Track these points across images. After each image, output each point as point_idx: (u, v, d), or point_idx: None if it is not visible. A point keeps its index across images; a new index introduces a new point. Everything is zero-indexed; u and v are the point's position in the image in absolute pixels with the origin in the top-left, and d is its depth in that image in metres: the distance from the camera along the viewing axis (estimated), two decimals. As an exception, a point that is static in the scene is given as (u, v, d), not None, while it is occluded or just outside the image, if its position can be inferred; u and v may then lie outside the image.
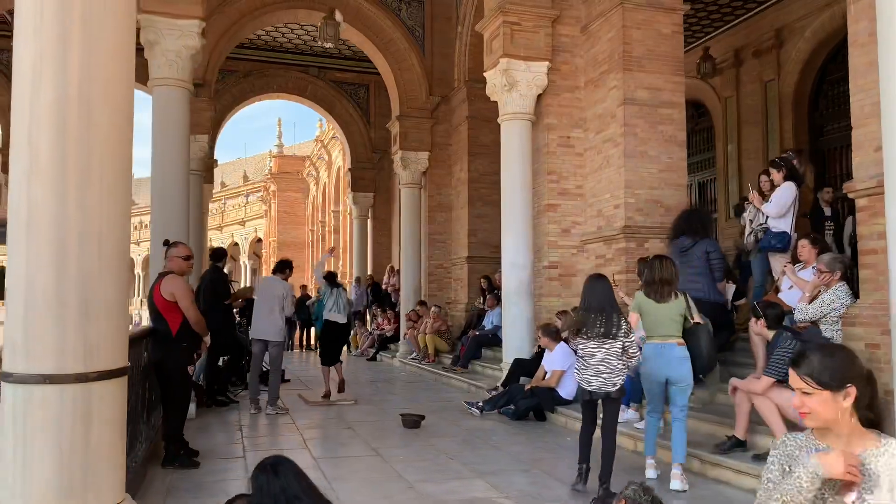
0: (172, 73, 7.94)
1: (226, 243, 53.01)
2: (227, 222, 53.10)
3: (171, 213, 7.90)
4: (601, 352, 4.82)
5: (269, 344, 8.14)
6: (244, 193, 54.02)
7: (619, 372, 4.84)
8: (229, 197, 58.79)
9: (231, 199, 58.21)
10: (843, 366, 1.86)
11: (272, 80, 18.50)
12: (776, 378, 4.91)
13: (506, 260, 9.28)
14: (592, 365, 4.85)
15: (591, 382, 4.89)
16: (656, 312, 5.21)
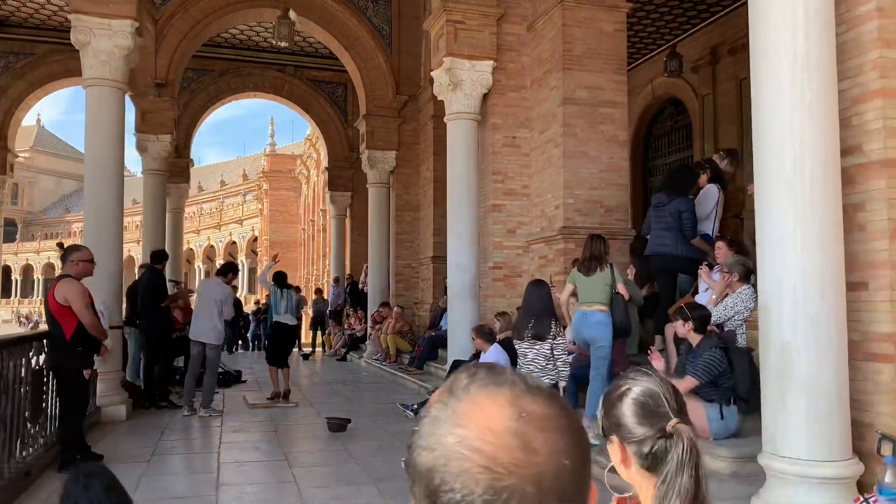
0: (105, 73, 7.90)
1: (224, 242, 53.32)
2: (225, 221, 53.31)
3: (103, 213, 7.86)
4: (532, 352, 5.28)
5: (206, 346, 8.09)
6: (242, 192, 54.22)
7: (548, 372, 5.23)
8: (228, 196, 59.10)
9: (229, 197, 58.51)
10: None
11: (248, 79, 18.48)
12: (701, 381, 4.81)
13: (451, 261, 9.20)
14: (524, 364, 5.33)
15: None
16: (585, 284, 6.01)
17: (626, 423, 1.44)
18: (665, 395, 1.43)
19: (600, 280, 5.94)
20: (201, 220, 56.63)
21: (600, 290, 5.93)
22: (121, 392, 7.91)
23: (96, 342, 5.47)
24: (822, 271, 3.67)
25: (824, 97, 3.76)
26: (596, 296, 5.93)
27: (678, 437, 1.39)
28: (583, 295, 6.02)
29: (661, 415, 1.41)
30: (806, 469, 3.62)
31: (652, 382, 1.45)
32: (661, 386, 1.44)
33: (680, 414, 1.44)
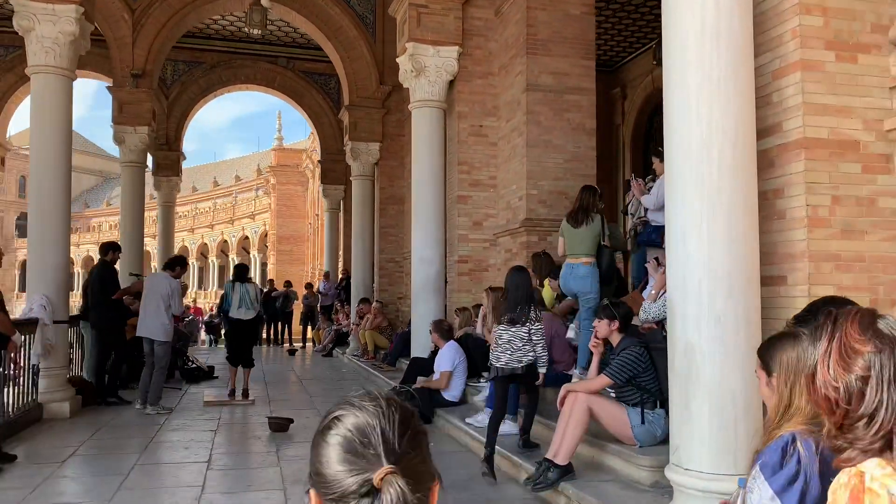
0: (50, 60, 7.67)
1: (237, 237, 53.47)
2: (238, 216, 53.43)
3: (47, 204, 7.65)
4: (508, 334, 5.25)
5: (154, 343, 7.84)
6: (254, 188, 54.34)
7: (526, 352, 5.22)
8: (241, 191, 59.28)
9: (243, 192, 58.64)
10: None
11: (240, 70, 18.27)
12: (615, 380, 4.46)
13: (415, 254, 8.89)
14: (501, 344, 5.27)
15: (500, 359, 5.27)
16: (572, 236, 6.22)
17: (325, 472, 0.93)
18: (384, 428, 0.92)
19: (588, 231, 6.14)
20: (215, 215, 56.84)
21: (588, 241, 6.14)
22: (66, 388, 7.71)
23: (4, 338, 5.23)
24: (730, 265, 3.30)
25: (736, 71, 3.38)
26: (583, 248, 6.15)
27: (386, 492, 0.89)
28: (570, 247, 6.23)
29: (370, 459, 0.91)
30: (710, 484, 3.25)
31: (371, 411, 0.95)
32: (382, 416, 0.94)
33: (404, 457, 0.92)
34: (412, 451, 0.91)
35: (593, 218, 6.18)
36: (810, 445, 1.55)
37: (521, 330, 5.27)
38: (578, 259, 6.16)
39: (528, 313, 5.31)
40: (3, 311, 5.18)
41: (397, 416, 0.93)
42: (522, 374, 5.28)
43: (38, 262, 7.63)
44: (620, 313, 4.61)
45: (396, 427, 0.91)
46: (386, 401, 0.95)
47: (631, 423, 4.32)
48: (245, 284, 8.75)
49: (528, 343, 5.26)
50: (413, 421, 0.95)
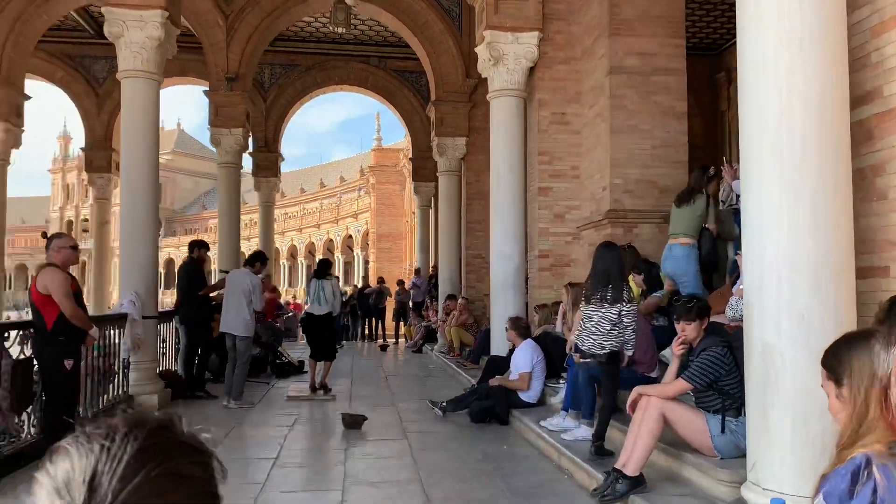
0: (137, 64, 7.95)
1: (341, 236, 54.99)
2: (342, 215, 54.91)
3: (137, 203, 7.93)
4: (597, 315, 4.95)
5: (237, 338, 7.98)
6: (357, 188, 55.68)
7: (611, 338, 4.90)
8: (345, 192, 60.91)
9: (346, 193, 60.25)
10: None
11: (333, 72, 18.57)
12: (695, 385, 4.03)
13: (493, 250, 8.61)
14: (588, 326, 5.02)
15: (584, 342, 5.07)
16: (674, 215, 6.09)
17: None
18: (99, 472, 0.66)
19: (689, 212, 5.94)
20: (321, 215, 58.71)
21: (687, 222, 5.94)
22: (155, 381, 7.97)
23: (81, 332, 5.39)
24: (816, 254, 2.83)
25: (824, 29, 2.89)
26: (681, 227, 5.97)
27: None
28: (671, 226, 6.11)
29: None
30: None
31: (85, 449, 0.69)
32: (103, 457, 0.67)
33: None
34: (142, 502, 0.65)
35: (696, 199, 5.93)
36: (889, 472, 1.24)
37: (611, 311, 4.91)
38: (676, 239, 5.97)
39: (620, 293, 4.95)
40: (79, 306, 5.33)
41: (127, 457, 0.67)
42: (603, 361, 4.97)
43: (128, 260, 7.93)
44: (693, 308, 4.16)
45: (119, 472, 0.66)
46: (125, 433, 0.70)
47: (710, 431, 3.87)
48: (321, 280, 8.78)
49: (616, 326, 4.91)
50: (158, 463, 0.68)
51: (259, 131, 18.34)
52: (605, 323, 4.92)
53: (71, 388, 5.41)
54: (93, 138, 18.04)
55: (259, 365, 10.91)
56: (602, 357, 4.98)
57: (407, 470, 5.20)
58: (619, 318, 4.91)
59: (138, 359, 7.77)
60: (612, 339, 4.96)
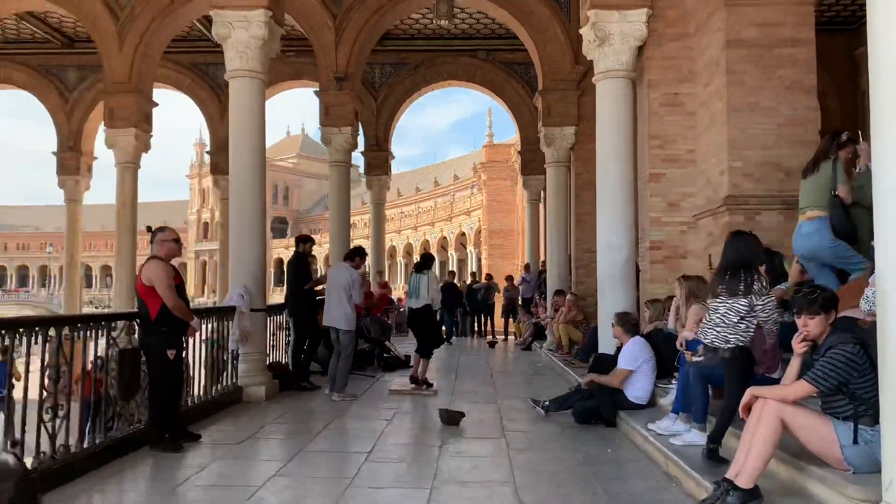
0: (243, 64, 8.16)
1: (455, 233, 55.42)
2: (455, 213, 55.31)
3: (244, 200, 8.14)
4: (724, 307, 4.60)
5: (339, 332, 8.03)
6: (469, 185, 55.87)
7: (737, 331, 4.52)
8: (457, 190, 61.35)
9: (459, 191, 60.67)
10: None
11: (441, 68, 18.58)
12: (820, 388, 3.53)
13: (601, 241, 8.14)
14: (712, 318, 4.68)
15: (707, 335, 4.73)
16: (801, 189, 5.55)
17: None
18: None
19: (813, 181, 5.40)
20: (435, 213, 59.46)
21: (813, 192, 5.38)
22: (263, 373, 8.14)
23: (183, 323, 5.52)
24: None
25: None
26: (806, 200, 5.43)
27: None
28: (799, 203, 5.56)
29: None
30: (944, 538, 2.31)
31: None
32: None
33: None
34: None
35: (822, 165, 5.34)
36: None
37: (740, 302, 4.50)
38: (803, 215, 5.43)
39: (752, 283, 4.52)
40: (181, 298, 5.47)
41: None
42: (726, 357, 4.52)
43: (237, 255, 8.16)
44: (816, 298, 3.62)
45: None
46: None
47: (840, 441, 3.35)
48: (419, 274, 8.68)
49: (747, 318, 4.50)
50: None
51: (370, 131, 18.65)
52: (731, 315, 4.51)
53: (175, 376, 5.57)
54: (217, 142, 18.99)
55: (367, 359, 11.01)
56: (725, 352, 4.54)
57: (501, 470, 4.94)
58: (749, 310, 4.50)
59: (247, 350, 7.98)
60: (739, 333, 4.52)
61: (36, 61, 18.82)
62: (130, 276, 14.37)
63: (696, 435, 4.92)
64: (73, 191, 19.05)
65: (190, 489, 4.48)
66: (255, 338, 8.10)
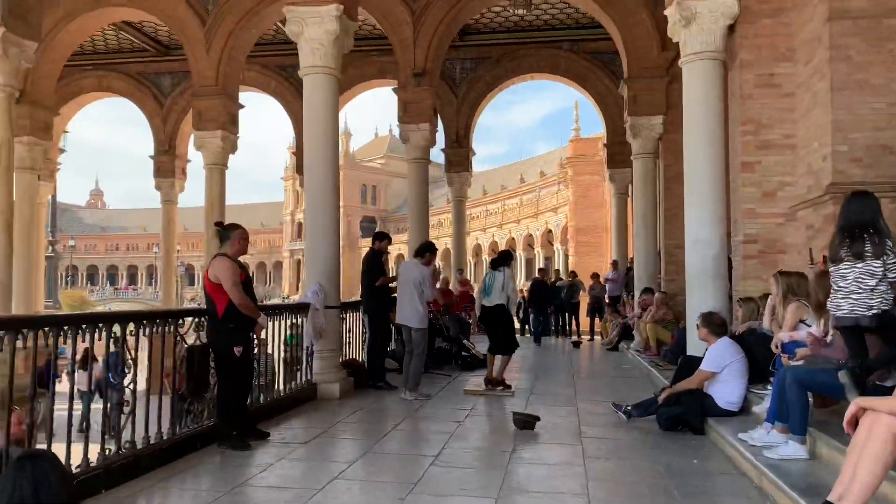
0: (316, 60, 8.12)
1: (540, 231, 54.76)
2: (541, 210, 54.65)
3: (319, 197, 8.11)
4: (853, 273, 4.27)
5: (411, 330, 7.86)
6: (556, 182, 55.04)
7: (878, 294, 4.17)
8: (544, 186, 60.58)
9: (545, 188, 59.89)
10: None
11: (523, 61, 18.20)
12: None
13: (688, 235, 7.60)
14: (842, 287, 4.33)
15: (841, 306, 4.37)
16: None
17: None
18: None
19: None
20: (521, 210, 58.90)
21: None
22: (337, 371, 8.09)
23: (250, 320, 5.47)
24: None
25: None
26: None
27: None
28: None
29: None
30: None
31: None
32: None
33: None
34: None
35: None
36: None
37: (873, 263, 4.16)
38: None
39: (883, 245, 4.16)
40: (248, 295, 5.42)
41: None
42: (873, 326, 4.17)
43: (312, 253, 8.15)
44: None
45: None
46: None
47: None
48: (494, 272, 8.39)
49: (883, 281, 4.14)
50: None
51: (451, 127, 18.50)
52: (867, 278, 4.15)
53: (242, 374, 5.52)
54: (301, 144, 19.32)
55: (444, 357, 10.83)
56: (872, 320, 4.15)
57: (574, 480, 4.59)
58: (884, 272, 4.13)
59: (321, 348, 7.94)
60: (882, 296, 4.14)
61: (134, 69, 19.75)
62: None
63: (794, 448, 4.41)
64: (169, 193, 19.85)
65: (250, 489, 4.40)
66: (330, 335, 8.05)
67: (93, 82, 20.02)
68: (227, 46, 13.96)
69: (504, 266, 8.45)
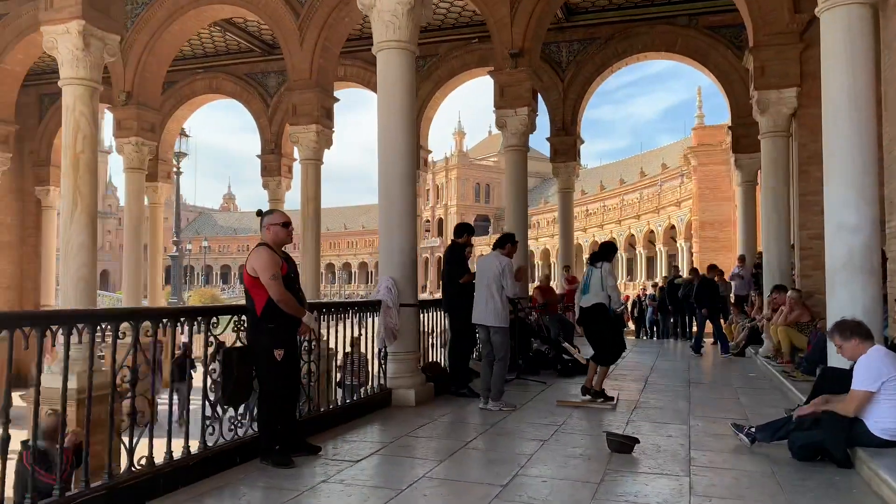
0: (390, 34, 7.42)
1: (663, 226, 52.13)
2: (663, 204, 52.09)
3: (393, 188, 7.40)
4: None
5: (490, 330, 6.97)
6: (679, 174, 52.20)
7: None
8: (665, 179, 57.69)
9: (667, 181, 56.99)
10: None
11: (635, 39, 16.82)
12: None
13: (830, 220, 6.21)
14: None
15: None
16: None
17: None
18: None
19: None
20: (641, 205, 56.31)
21: None
22: (413, 375, 7.34)
23: (294, 320, 4.79)
24: None
25: None
26: None
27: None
28: None
29: None
30: None
31: None
32: None
33: None
34: None
35: None
36: None
37: None
38: None
39: None
40: (290, 290, 4.74)
41: None
42: None
43: (385, 246, 7.45)
44: None
45: None
46: None
47: None
48: (592, 266, 7.32)
49: None
50: None
51: (556, 114, 17.43)
52: None
53: (287, 381, 4.86)
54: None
55: (541, 361, 9.86)
56: None
57: (673, 530, 3.56)
58: None
59: (396, 350, 7.23)
60: None
61: (242, 70, 20.06)
62: (315, 272, 14.53)
63: None
64: (276, 191, 19.99)
65: (271, 521, 3.70)
66: (406, 336, 7.32)
67: (204, 84, 20.55)
68: (321, 38, 13.64)
69: (604, 261, 7.36)
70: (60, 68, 8.66)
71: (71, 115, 8.60)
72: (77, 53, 8.52)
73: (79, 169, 8.59)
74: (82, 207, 8.57)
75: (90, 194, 8.63)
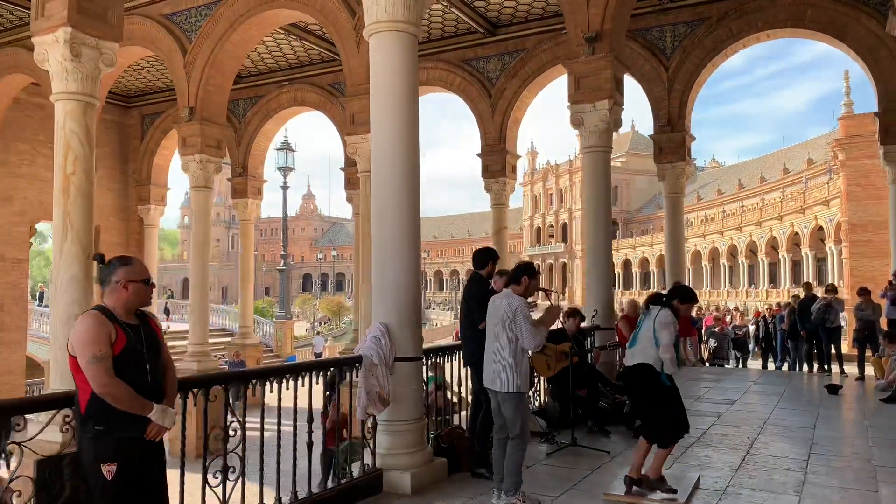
0: (385, 14, 5.81)
1: (809, 228, 47.06)
2: (808, 204, 46.97)
3: (387, 199, 5.77)
4: None
5: (498, 396, 5.13)
6: (825, 170, 46.87)
7: None
8: (811, 176, 52.20)
9: (814, 177, 51.52)
10: None
11: (754, 16, 14.21)
12: None
13: None
14: None
15: None
16: None
17: None
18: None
19: None
20: (783, 205, 51.06)
21: None
22: (412, 451, 5.62)
23: (136, 419, 3.27)
24: None
25: None
26: None
27: None
28: None
29: None
30: None
31: None
32: None
33: None
34: None
35: None
36: None
37: None
38: None
39: None
40: (105, 372, 3.14)
41: None
42: None
43: (378, 282, 5.80)
44: None
45: None
46: None
47: None
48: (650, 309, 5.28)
49: None
50: None
51: (661, 108, 15.15)
52: None
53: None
54: (486, 142, 17.24)
55: (608, 418, 7.82)
56: None
57: None
58: None
59: (390, 418, 5.61)
60: None
61: (324, 80, 19.27)
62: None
63: None
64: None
65: None
66: (404, 399, 5.65)
67: (289, 97, 20.02)
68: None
69: (661, 306, 5.28)
70: (52, 82, 7.82)
71: (62, 133, 7.72)
72: (66, 64, 7.63)
73: (69, 194, 7.68)
74: (73, 237, 7.65)
75: (83, 221, 7.71)
